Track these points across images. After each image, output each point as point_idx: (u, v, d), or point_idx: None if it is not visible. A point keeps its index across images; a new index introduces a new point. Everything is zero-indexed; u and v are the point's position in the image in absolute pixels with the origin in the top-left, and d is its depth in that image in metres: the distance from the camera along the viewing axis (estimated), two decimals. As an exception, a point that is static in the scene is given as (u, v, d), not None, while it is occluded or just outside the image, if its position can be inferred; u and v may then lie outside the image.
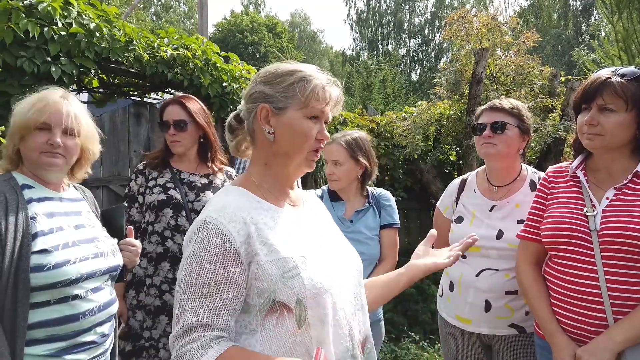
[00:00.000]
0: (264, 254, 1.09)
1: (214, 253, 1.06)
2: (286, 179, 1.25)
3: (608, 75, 1.53)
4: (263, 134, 1.18)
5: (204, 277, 1.05)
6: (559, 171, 1.76)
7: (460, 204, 2.13)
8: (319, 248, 1.20)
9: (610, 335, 1.46)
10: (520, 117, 1.97)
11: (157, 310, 2.21)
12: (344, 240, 1.35)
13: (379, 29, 33.11)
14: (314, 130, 1.17)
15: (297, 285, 1.08)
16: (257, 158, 1.24)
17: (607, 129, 1.52)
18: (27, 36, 2.65)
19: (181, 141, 2.29)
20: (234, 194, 1.19)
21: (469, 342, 2.03)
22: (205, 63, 3.62)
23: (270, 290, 1.07)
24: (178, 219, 2.22)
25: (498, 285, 1.90)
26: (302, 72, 1.18)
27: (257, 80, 1.21)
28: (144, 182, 2.33)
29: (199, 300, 1.04)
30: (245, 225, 1.10)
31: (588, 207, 1.58)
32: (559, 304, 1.61)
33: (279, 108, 1.16)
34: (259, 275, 1.08)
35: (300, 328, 1.08)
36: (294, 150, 1.18)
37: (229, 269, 1.06)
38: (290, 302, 1.07)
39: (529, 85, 4.81)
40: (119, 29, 3.14)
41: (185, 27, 28.78)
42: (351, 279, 1.23)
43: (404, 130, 4.84)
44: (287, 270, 1.09)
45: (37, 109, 1.51)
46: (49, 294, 1.43)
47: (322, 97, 1.16)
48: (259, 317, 1.09)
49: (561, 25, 26.89)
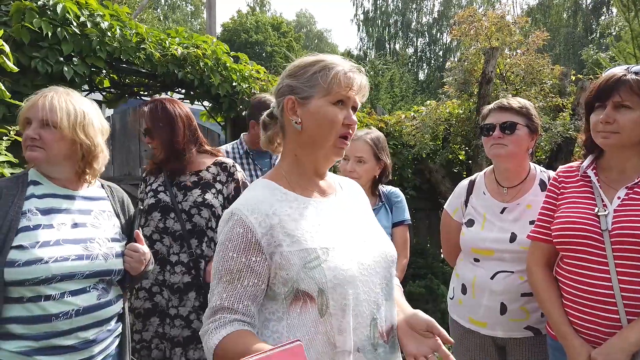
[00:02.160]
0: (286, 245, 1.14)
1: (237, 242, 1.13)
2: (315, 169, 1.27)
3: (623, 73, 1.53)
4: (291, 125, 1.22)
5: (228, 264, 1.13)
6: (569, 171, 1.75)
7: (469, 206, 2.11)
8: (346, 238, 1.22)
9: (624, 336, 1.46)
10: (529, 116, 1.96)
11: (147, 313, 2.19)
12: (378, 229, 1.35)
13: (386, 28, 33.05)
14: (340, 115, 1.19)
15: (318, 276, 1.11)
16: (287, 150, 1.28)
17: (624, 126, 1.51)
18: (40, 36, 2.69)
19: (156, 148, 2.27)
20: (259, 188, 1.24)
21: (482, 344, 2.00)
22: (215, 63, 3.64)
23: (294, 279, 1.12)
24: (166, 222, 2.20)
25: (513, 287, 1.88)
26: (324, 60, 1.21)
27: (284, 75, 1.26)
28: (144, 188, 2.34)
29: (224, 286, 1.13)
30: (267, 217, 1.15)
31: (599, 207, 1.57)
32: (572, 305, 1.60)
33: (303, 98, 1.20)
34: (282, 265, 1.13)
35: (323, 317, 1.12)
36: (321, 137, 1.20)
37: (250, 257, 1.13)
38: (313, 292, 1.11)
39: (539, 84, 4.78)
40: (131, 29, 3.17)
41: (192, 26, 28.90)
42: (380, 269, 1.23)
43: (412, 130, 4.83)
44: (309, 260, 1.13)
45: (25, 106, 1.55)
46: (21, 290, 1.41)
47: (344, 83, 1.18)
48: (284, 305, 1.14)
49: (571, 24, 26.68)
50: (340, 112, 1.19)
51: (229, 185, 2.28)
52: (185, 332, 2.15)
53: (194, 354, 2.15)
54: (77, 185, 1.64)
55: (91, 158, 1.62)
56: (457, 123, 5.09)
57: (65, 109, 1.54)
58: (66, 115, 1.54)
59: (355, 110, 1.24)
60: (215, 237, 2.21)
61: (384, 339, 1.20)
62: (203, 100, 3.84)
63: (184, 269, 2.17)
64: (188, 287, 2.16)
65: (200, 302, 2.16)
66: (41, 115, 1.51)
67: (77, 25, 2.86)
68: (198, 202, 2.19)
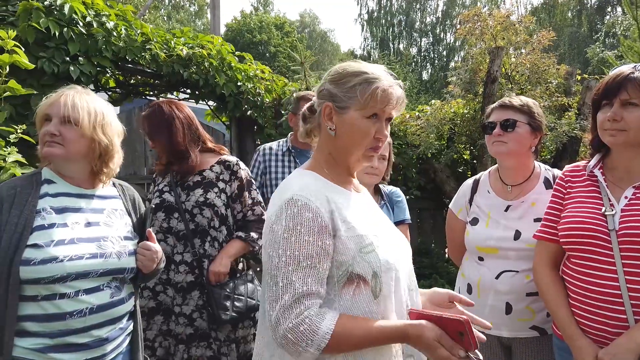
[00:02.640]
0: (344, 230, 1.20)
1: (310, 226, 1.15)
2: (348, 169, 1.34)
3: (630, 71, 1.52)
4: (326, 129, 1.29)
5: (305, 249, 1.14)
6: (575, 170, 1.74)
7: (474, 205, 2.10)
8: (383, 230, 1.32)
9: (631, 336, 1.44)
10: (530, 114, 1.95)
11: (151, 312, 2.20)
12: (394, 227, 1.45)
13: (390, 28, 33.00)
14: (372, 130, 1.25)
15: (373, 260, 1.19)
16: (322, 147, 1.34)
17: (631, 124, 1.50)
18: (47, 36, 2.70)
19: (159, 151, 2.31)
20: (309, 176, 1.28)
21: (488, 344, 1.99)
22: (220, 62, 3.65)
23: (349, 263, 1.18)
24: (170, 221, 2.21)
25: (519, 287, 1.88)
26: (367, 74, 1.25)
27: (327, 78, 1.31)
28: (153, 189, 2.36)
29: (305, 271, 1.13)
30: (327, 203, 1.20)
31: (606, 207, 1.56)
32: (579, 305, 1.59)
33: (341, 107, 1.25)
34: (339, 249, 1.18)
35: (376, 299, 1.19)
36: (353, 147, 1.27)
37: (325, 241, 1.16)
38: (367, 275, 1.18)
39: (544, 84, 4.76)
40: (137, 29, 3.18)
41: (196, 27, 28.96)
42: (407, 260, 1.35)
43: (417, 130, 4.82)
44: (364, 246, 1.20)
45: (45, 103, 1.56)
46: (36, 289, 1.42)
47: (380, 99, 1.23)
48: (336, 288, 1.18)
49: (575, 24, 26.58)
50: (373, 126, 1.25)
51: (232, 184, 2.28)
52: (188, 330, 2.16)
53: (196, 351, 2.17)
54: (90, 184, 1.65)
55: (108, 158, 1.63)
56: (462, 123, 5.08)
57: (87, 108, 1.56)
58: (87, 114, 1.56)
59: (389, 121, 1.30)
60: (218, 236, 2.22)
61: None
62: (208, 100, 3.86)
63: (187, 268, 2.18)
64: (191, 286, 2.17)
65: (203, 300, 2.17)
66: (63, 112, 1.52)
67: (84, 25, 2.88)
68: (200, 202, 2.20)
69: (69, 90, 1.59)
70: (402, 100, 1.28)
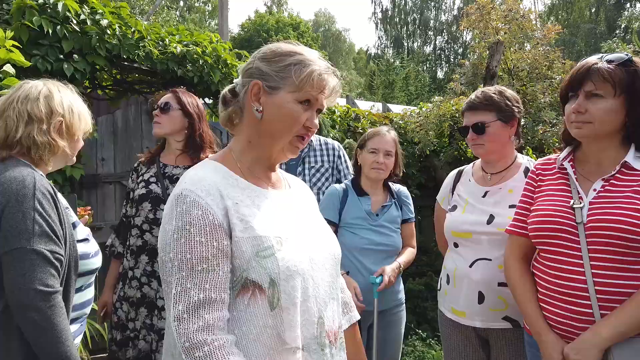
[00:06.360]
0: (239, 230, 1.07)
1: (200, 225, 1.03)
2: (268, 160, 1.22)
3: (595, 62, 1.49)
4: (251, 111, 1.16)
5: (198, 250, 1.02)
6: (547, 163, 1.72)
7: (455, 194, 2.14)
8: (296, 232, 1.17)
9: (596, 331, 1.42)
10: (499, 107, 1.94)
11: (138, 303, 2.24)
12: (326, 229, 1.32)
13: (404, 26, 32.82)
14: (303, 116, 1.14)
15: (270, 265, 1.06)
16: (241, 134, 1.21)
17: (596, 115, 1.47)
18: (40, 34, 2.75)
19: (161, 123, 2.30)
20: (209, 168, 1.16)
21: (466, 336, 2.00)
22: (216, 60, 3.68)
23: (243, 268, 1.05)
24: (156, 213, 2.24)
25: (491, 276, 1.88)
26: (302, 55, 1.15)
27: (256, 56, 1.19)
28: (136, 178, 2.39)
29: (201, 276, 1.01)
30: (221, 199, 1.08)
31: (575, 200, 1.53)
32: (546, 300, 1.57)
33: (271, 87, 1.13)
34: (233, 252, 1.06)
35: (273, 310, 1.05)
36: (280, 133, 1.15)
37: (221, 241, 1.04)
38: (263, 282, 1.05)
39: (545, 80, 4.69)
40: (131, 26, 3.22)
41: (210, 27, 29.17)
42: (327, 268, 1.21)
43: (416, 126, 4.79)
44: (262, 249, 1.07)
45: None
46: (84, 279, 1.56)
47: (317, 84, 1.13)
48: (231, 296, 1.06)
49: (593, 21, 26.05)
50: (304, 113, 1.14)
51: None
52: None
53: None
54: None
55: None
56: (463, 119, 5.02)
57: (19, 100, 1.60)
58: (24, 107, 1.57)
59: (319, 113, 1.19)
60: None
61: (330, 340, 1.17)
62: (203, 97, 3.88)
63: None
64: None
65: None
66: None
67: (77, 23, 2.92)
68: None
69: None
70: (337, 90, 1.18)
